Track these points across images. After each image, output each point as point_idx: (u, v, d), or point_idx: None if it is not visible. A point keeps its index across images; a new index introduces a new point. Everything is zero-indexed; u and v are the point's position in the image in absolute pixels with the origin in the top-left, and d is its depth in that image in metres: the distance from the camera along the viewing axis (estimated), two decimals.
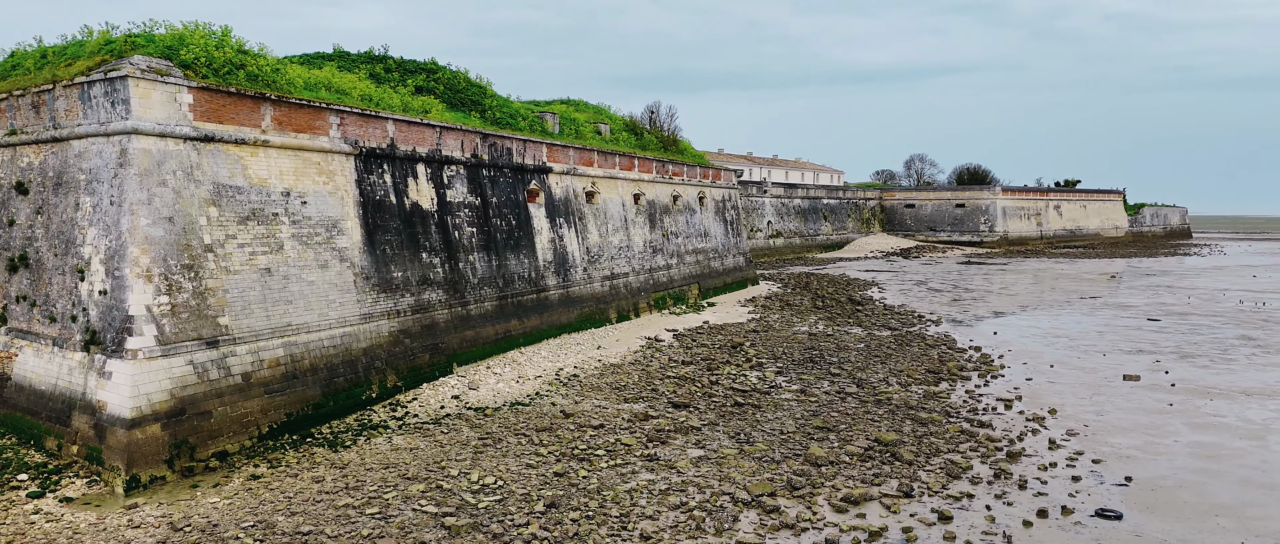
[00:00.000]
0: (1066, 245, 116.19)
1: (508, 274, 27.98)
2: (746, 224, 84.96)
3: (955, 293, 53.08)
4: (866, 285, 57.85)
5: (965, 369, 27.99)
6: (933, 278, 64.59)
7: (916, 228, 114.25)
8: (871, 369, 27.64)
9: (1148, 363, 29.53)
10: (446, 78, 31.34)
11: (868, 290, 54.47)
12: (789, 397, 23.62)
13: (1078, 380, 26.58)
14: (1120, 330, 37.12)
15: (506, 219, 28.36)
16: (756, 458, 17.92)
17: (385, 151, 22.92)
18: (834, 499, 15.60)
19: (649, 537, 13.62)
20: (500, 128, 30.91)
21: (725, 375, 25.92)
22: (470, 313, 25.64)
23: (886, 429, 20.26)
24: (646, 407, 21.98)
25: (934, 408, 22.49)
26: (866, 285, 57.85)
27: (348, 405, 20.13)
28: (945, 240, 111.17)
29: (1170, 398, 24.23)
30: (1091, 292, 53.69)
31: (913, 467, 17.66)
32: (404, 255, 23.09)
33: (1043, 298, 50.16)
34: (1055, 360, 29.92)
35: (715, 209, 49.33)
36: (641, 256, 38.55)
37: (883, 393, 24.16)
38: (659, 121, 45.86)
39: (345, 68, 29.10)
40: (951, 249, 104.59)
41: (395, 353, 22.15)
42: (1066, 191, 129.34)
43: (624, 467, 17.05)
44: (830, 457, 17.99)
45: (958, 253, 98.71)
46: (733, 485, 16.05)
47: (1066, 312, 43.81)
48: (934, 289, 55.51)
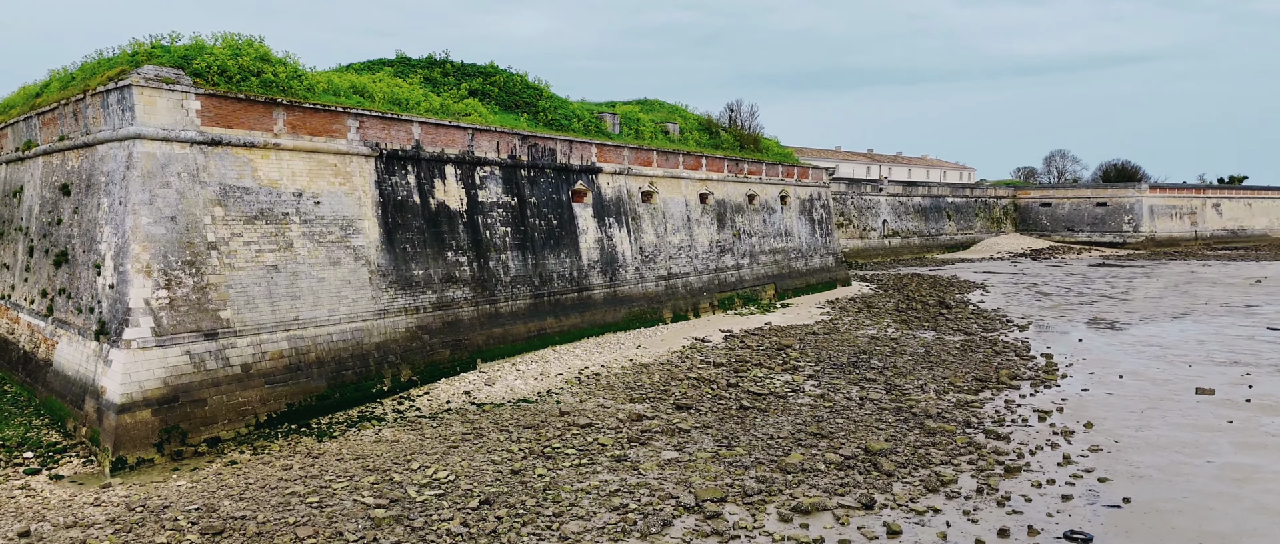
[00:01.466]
0: (1226, 247, 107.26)
1: (546, 273, 28.41)
2: (858, 223, 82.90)
3: (1065, 297, 50.07)
4: (971, 287, 55.36)
5: (1019, 377, 26.46)
6: (1051, 281, 61.14)
7: (1052, 227, 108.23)
8: (915, 375, 26.53)
9: (1236, 376, 27.05)
10: (502, 80, 32.09)
11: (969, 293, 52.14)
12: (806, 401, 23.00)
13: (1140, 392, 24.66)
14: (1228, 340, 34.11)
15: (547, 219, 28.80)
16: (729, 462, 17.57)
17: (409, 153, 23.73)
18: (785, 508, 15.13)
19: (569, 538, 13.62)
20: (552, 129, 31.41)
21: (750, 378, 25.48)
22: (500, 311, 26.20)
23: (884, 438, 19.44)
24: (649, 407, 21.89)
25: (958, 417, 21.40)
26: (971, 287, 55.36)
27: (356, 397, 20.99)
28: (1084, 241, 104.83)
29: (1235, 414, 22.15)
30: (1223, 297, 49.47)
31: (891, 478, 16.90)
32: (427, 254, 23.84)
33: (1160, 304, 46.62)
34: (1130, 370, 27.84)
35: (800, 208, 48.38)
36: (706, 256, 38.28)
37: (910, 400, 23.17)
38: (738, 120, 45.36)
39: (402, 73, 30.29)
40: (1089, 250, 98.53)
41: (412, 348, 22.91)
42: (1229, 188, 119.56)
43: (587, 466, 17.07)
44: (806, 464, 17.44)
45: (1095, 254, 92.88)
46: (686, 490, 15.81)
47: (1178, 319, 40.59)
48: (1044, 293, 52.51)
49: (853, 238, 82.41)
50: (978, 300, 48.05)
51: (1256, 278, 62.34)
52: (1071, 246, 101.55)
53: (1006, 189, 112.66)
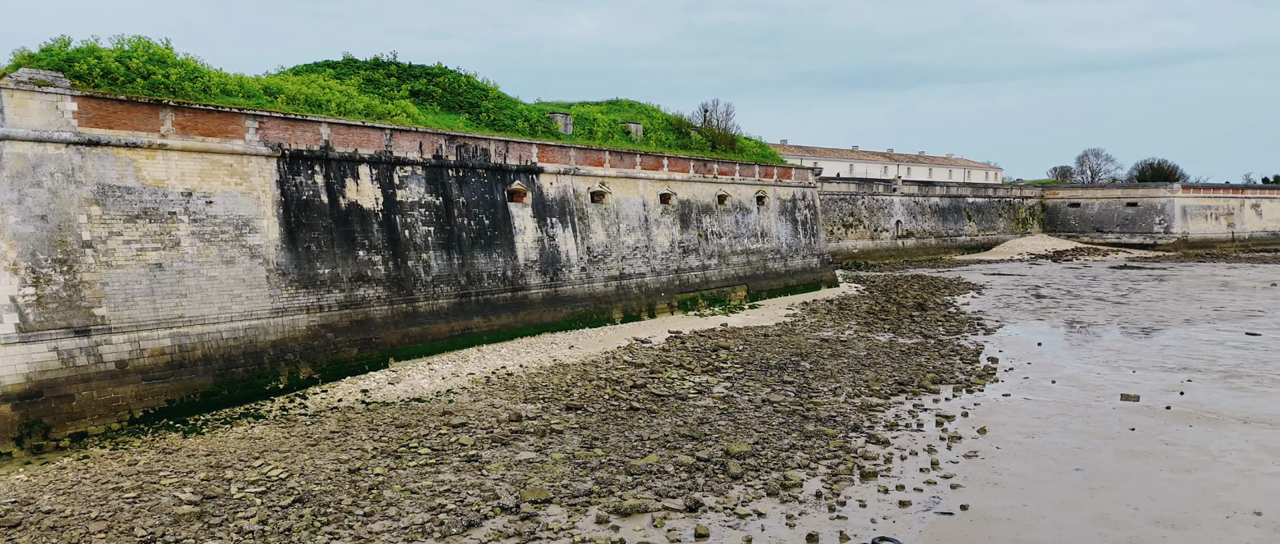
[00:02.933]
0: (1265, 249, 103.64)
1: (474, 272, 28.52)
2: (869, 224, 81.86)
3: (1059, 300, 48.85)
4: (966, 289, 54.31)
5: (944, 382, 25.90)
6: (1057, 283, 59.74)
7: (1081, 228, 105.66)
8: (837, 377, 26.12)
9: (1176, 382, 26.14)
10: (446, 81, 32.31)
11: (961, 295, 51.15)
12: (705, 403, 22.77)
13: (1061, 398, 23.97)
14: (1195, 345, 33.00)
15: (478, 218, 28.91)
16: (579, 463, 17.47)
17: (317, 153, 24.00)
18: (606, 511, 14.99)
19: (364, 538, 13.66)
20: (494, 129, 31.54)
21: (663, 379, 25.29)
22: (419, 310, 26.37)
23: (755, 441, 19.18)
24: (539, 407, 21.86)
25: (852, 421, 21.02)
26: (966, 289, 54.31)
27: (247, 395, 21.29)
28: (1113, 242, 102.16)
29: (1145, 421, 21.41)
30: (1226, 301, 47.83)
31: (736, 481, 16.66)
32: (334, 253, 24.10)
33: (1153, 309, 45.25)
34: (1069, 376, 27.08)
35: (780, 209, 47.91)
36: (666, 257, 38.11)
37: (814, 403, 22.83)
38: (713, 120, 45.08)
39: (342, 75, 30.65)
40: (1117, 251, 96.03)
41: (314, 346, 23.17)
42: (1271, 188, 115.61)
43: (432, 466, 17.11)
44: (658, 466, 17.27)
45: (1120, 256, 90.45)
46: (517, 490, 15.75)
47: (1160, 323, 39.37)
48: (1041, 296, 51.25)
49: (863, 238, 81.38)
50: (963, 303, 47.12)
51: (1272, 282, 60.20)
52: (1098, 248, 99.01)
53: (1034, 189, 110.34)
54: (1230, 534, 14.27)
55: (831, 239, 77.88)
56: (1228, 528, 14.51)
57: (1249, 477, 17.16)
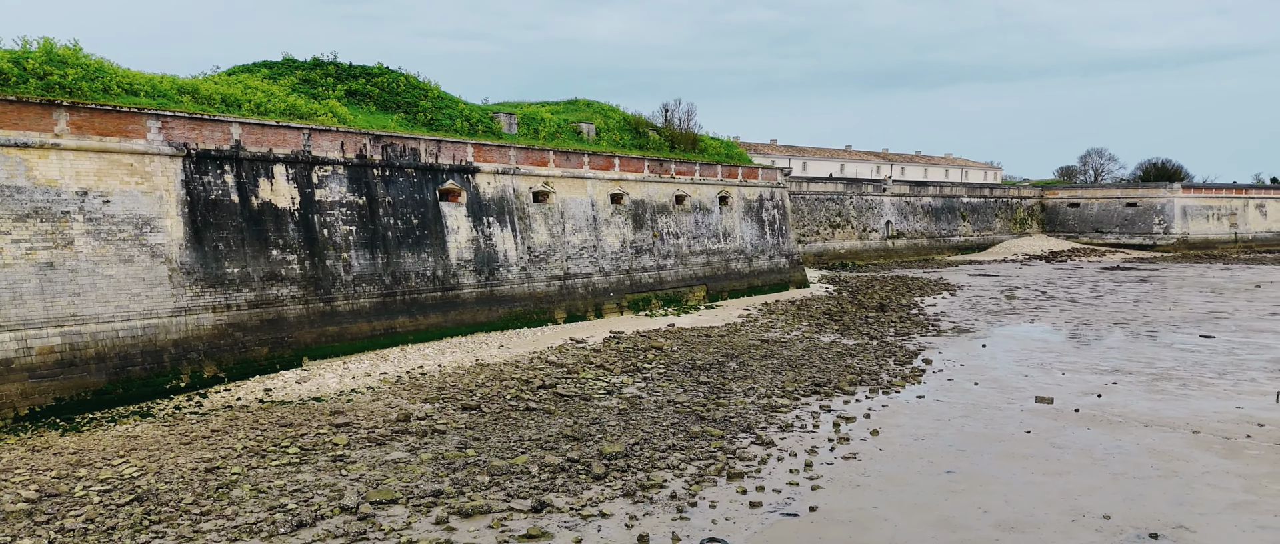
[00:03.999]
0: (1269, 250, 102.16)
1: (401, 272, 28.56)
2: (857, 224, 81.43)
3: (1031, 301, 48.36)
4: (941, 289, 53.88)
5: (863, 383, 25.67)
6: (1039, 284, 59.16)
7: (1080, 229, 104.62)
8: (758, 378, 25.96)
9: (1100, 384, 25.80)
10: (385, 81, 32.40)
11: (933, 295, 50.76)
12: (610, 403, 22.69)
13: (974, 401, 23.69)
14: (1142, 348, 32.55)
15: (406, 218, 28.95)
16: (445, 463, 17.44)
17: (227, 153, 24.11)
18: (449, 511, 14.94)
19: (189, 537, 13.67)
20: (432, 129, 31.58)
21: (577, 379, 25.22)
22: (338, 309, 26.44)
23: (634, 440, 19.08)
24: (436, 407, 21.85)
25: (748, 422, 20.87)
26: (941, 289, 53.88)
27: (144, 393, 21.41)
28: (1112, 243, 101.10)
29: (1046, 424, 21.11)
30: (1202, 302, 47.17)
31: (598, 481, 16.57)
32: (245, 252, 24.19)
33: (1120, 310, 44.70)
34: (994, 378, 26.78)
35: (745, 209, 47.71)
36: (617, 257, 38.03)
37: (719, 403, 22.71)
38: (674, 120, 44.93)
39: (276, 75, 30.78)
40: (1115, 252, 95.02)
41: (221, 345, 23.27)
42: (1276, 188, 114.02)
43: (293, 465, 17.12)
44: (524, 467, 17.21)
45: (1117, 257, 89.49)
46: (367, 490, 15.73)
47: (1119, 324, 38.88)
48: (1015, 297, 50.72)
49: (851, 239, 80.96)
50: (930, 304, 46.73)
51: (1257, 283, 59.32)
52: (1096, 249, 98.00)
53: (1033, 189, 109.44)
54: (1066, 537, 14.04)
55: (818, 239, 77.56)
56: (1066, 531, 14.28)
57: (1120, 480, 16.89)
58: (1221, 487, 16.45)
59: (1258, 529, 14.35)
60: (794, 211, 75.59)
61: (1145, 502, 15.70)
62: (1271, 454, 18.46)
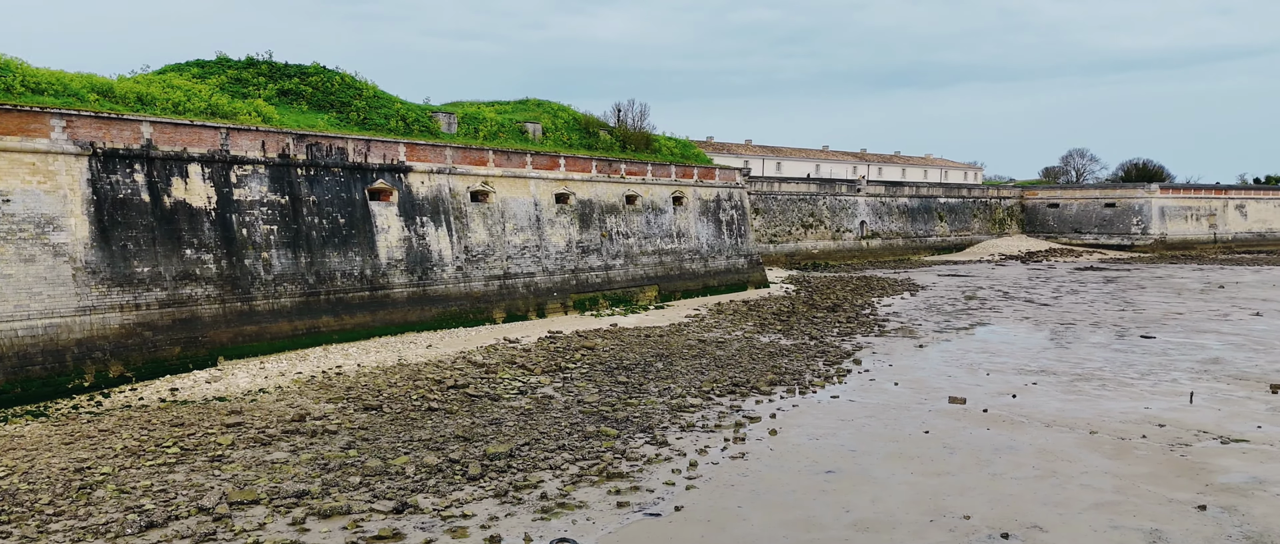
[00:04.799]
0: (1249, 250, 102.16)
1: (326, 271, 28.50)
2: (831, 224, 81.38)
3: (987, 302, 48.32)
4: (904, 290, 53.82)
5: (782, 383, 25.62)
6: (1004, 285, 59.09)
7: (1059, 229, 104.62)
8: (678, 379, 25.90)
9: (1020, 385, 25.77)
10: (318, 81, 32.33)
11: (896, 296, 50.62)
12: (519, 403, 22.63)
13: (887, 401, 23.64)
14: (1078, 348, 32.52)
15: (331, 217, 28.88)
16: (323, 464, 17.37)
17: (138, 152, 24.03)
18: (308, 511, 14.87)
19: (32, 537, 13.60)
20: (365, 128, 31.51)
21: (492, 380, 25.17)
22: (256, 309, 26.37)
23: (525, 440, 19.03)
24: (338, 407, 21.79)
25: (651, 422, 20.82)
26: (904, 290, 53.82)
27: (44, 392, 21.33)
28: (1091, 243, 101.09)
29: (949, 424, 21.05)
30: (1158, 302, 47.16)
31: (473, 482, 16.52)
32: (155, 251, 24.11)
33: (1073, 311, 44.68)
34: (916, 379, 26.72)
35: (701, 209, 47.66)
36: (562, 257, 37.97)
37: (627, 404, 22.66)
38: (626, 120, 44.88)
39: (205, 74, 30.71)
40: (1092, 253, 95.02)
41: (129, 345, 23.19)
42: (1257, 188, 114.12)
43: (168, 465, 17.06)
44: (399, 467, 17.15)
45: (1093, 257, 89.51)
46: (236, 490, 15.65)
47: (1066, 324, 38.86)
48: (974, 297, 50.66)
49: (824, 239, 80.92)
50: (886, 304, 46.66)
51: (1220, 284, 59.28)
52: (1074, 249, 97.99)
53: (1013, 189, 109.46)
54: (916, 537, 14.00)
55: (789, 240, 77.53)
56: (919, 531, 14.24)
57: (996, 480, 16.85)
58: (1093, 487, 16.41)
59: (1110, 529, 14.30)
60: (764, 212, 75.58)
61: (1012, 502, 15.65)
62: (1158, 455, 18.43)
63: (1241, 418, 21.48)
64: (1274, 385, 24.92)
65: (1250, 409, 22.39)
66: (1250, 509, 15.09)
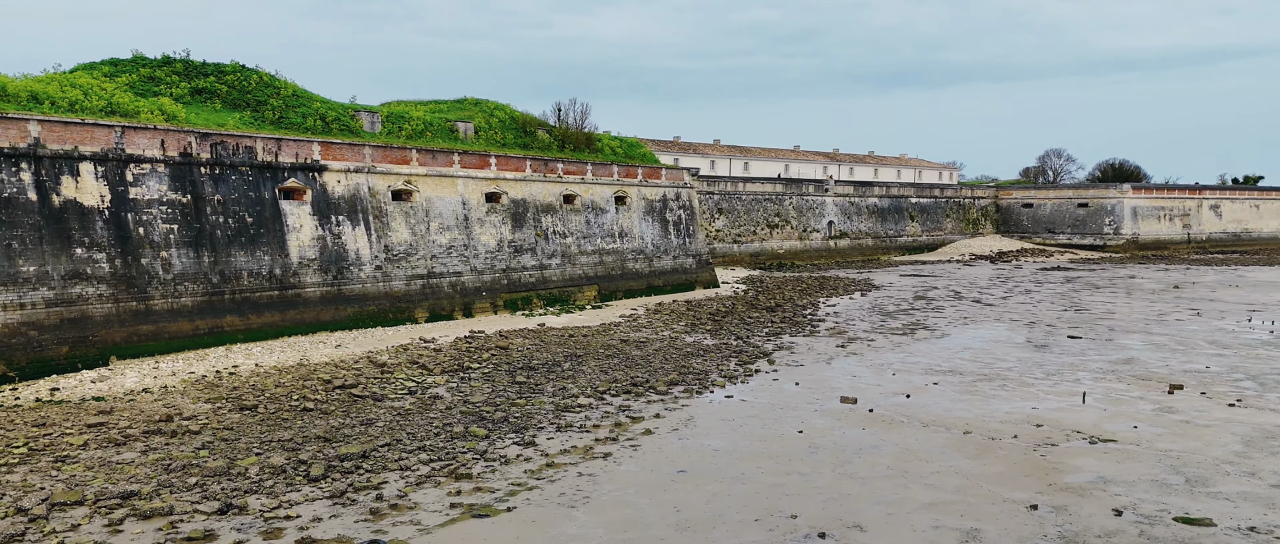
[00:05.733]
0: (1223, 251, 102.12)
1: (231, 271, 28.33)
2: (798, 224, 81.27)
3: (933, 303, 48.23)
4: (857, 290, 53.69)
5: (686, 383, 25.48)
6: (960, 285, 59.01)
7: (1033, 229, 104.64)
8: (580, 379, 25.74)
9: (921, 384, 25.66)
10: (234, 79, 32.18)
11: (846, 296, 50.46)
12: (398, 404, 22.48)
13: (779, 402, 23.47)
14: (996, 348, 32.42)
15: (237, 216, 28.72)
16: (167, 465, 17.20)
17: (23, 151, 23.86)
18: (131, 512, 14.71)
19: None
20: (279, 126, 31.35)
21: (388, 380, 25.02)
22: (154, 308, 26.20)
23: (385, 441, 18.89)
24: (212, 407, 21.64)
25: (531, 424, 20.68)
26: (857, 290, 53.69)
27: None
28: (1064, 243, 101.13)
29: (830, 424, 20.92)
30: (1106, 305, 47.09)
31: (313, 484, 16.36)
32: (42, 250, 23.94)
33: (1017, 310, 44.60)
34: (818, 379, 26.59)
35: (646, 209, 47.52)
36: (492, 256, 37.82)
37: (514, 404, 22.53)
38: (567, 119, 44.74)
39: (115, 73, 30.55)
40: (1063, 253, 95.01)
41: (13, 344, 23.02)
42: (1231, 189, 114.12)
43: (7, 466, 16.90)
44: (241, 468, 17.01)
45: (1064, 258, 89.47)
46: (65, 491, 15.49)
47: (1005, 325, 38.77)
48: (924, 297, 50.58)
49: (790, 239, 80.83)
50: (831, 304, 46.52)
51: (1175, 285, 59.20)
52: (1046, 249, 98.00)
53: (988, 189, 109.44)
54: (733, 536, 13.90)
55: (754, 239, 77.44)
56: (739, 531, 14.15)
57: (844, 480, 16.74)
58: (936, 487, 16.29)
59: (930, 528, 14.19)
60: (728, 212, 75.47)
61: (847, 502, 15.53)
62: (1018, 455, 18.31)
63: (1123, 418, 21.37)
64: (1173, 385, 24.83)
65: (1136, 409, 22.28)
66: (1080, 509, 14.98)
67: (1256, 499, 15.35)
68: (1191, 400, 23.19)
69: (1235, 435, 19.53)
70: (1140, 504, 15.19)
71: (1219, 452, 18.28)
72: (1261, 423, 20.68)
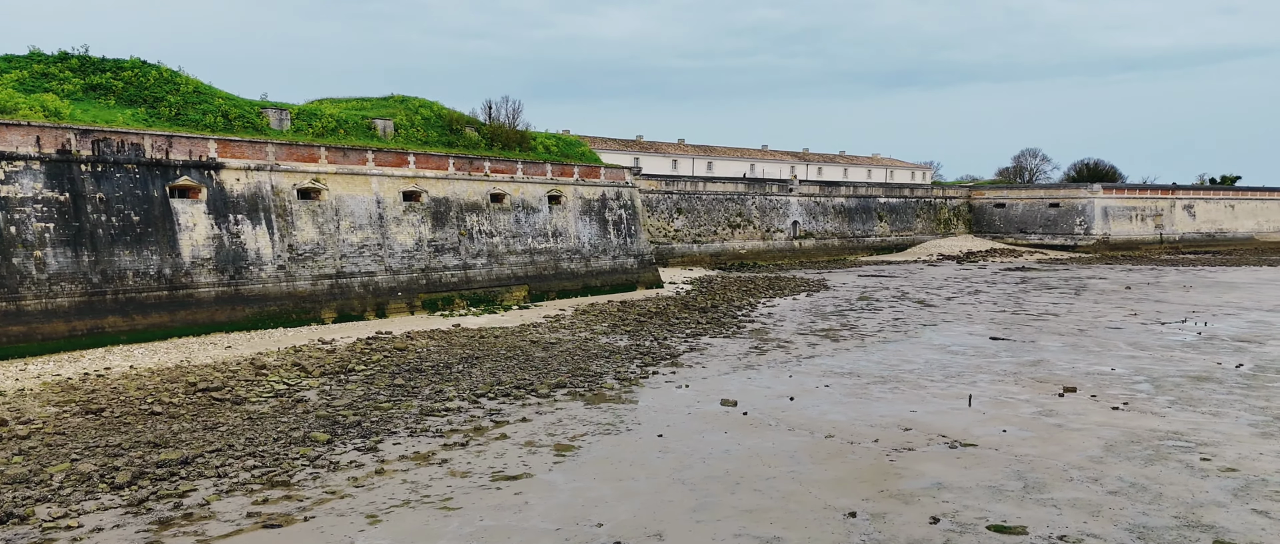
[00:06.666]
0: (1196, 251, 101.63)
1: (114, 270, 27.62)
2: (760, 225, 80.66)
3: (873, 303, 47.63)
4: (804, 290, 53.05)
5: (576, 385, 24.83)
6: (913, 286, 58.44)
7: (1006, 229, 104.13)
8: (464, 382, 25.09)
9: (811, 387, 25.04)
10: (133, 75, 31.49)
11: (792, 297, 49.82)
12: (262, 407, 21.81)
13: (659, 405, 22.79)
14: (908, 349, 31.82)
15: (123, 215, 28.01)
16: None
17: None
18: None
19: None
20: (177, 124, 30.66)
21: (261, 382, 24.34)
22: (26, 309, 25.50)
23: (217, 448, 18.20)
24: (56, 410, 20.95)
25: (383, 428, 20.02)
26: (804, 290, 53.05)
27: None
28: (1035, 244, 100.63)
29: (694, 426, 20.26)
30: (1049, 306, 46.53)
31: (117, 491, 15.68)
32: None
33: (960, 312, 44.03)
34: (710, 382, 25.93)
35: (583, 208, 46.86)
36: (411, 256, 37.14)
37: (379, 408, 21.87)
38: (499, 117, 44.05)
39: (5, 69, 29.81)
40: (1033, 253, 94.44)
41: None
42: (1205, 189, 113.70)
43: None
44: (45, 476, 16.33)
45: (1033, 258, 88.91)
46: None
47: (928, 326, 38.17)
48: (867, 298, 50.01)
49: (753, 239, 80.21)
50: (770, 306, 45.84)
51: (1128, 286, 58.61)
52: (1017, 250, 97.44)
53: (960, 189, 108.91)
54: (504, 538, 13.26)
55: (715, 239, 76.82)
56: (533, 538, 13.51)
57: (674, 486, 16.11)
58: (764, 492, 15.66)
59: (733, 537, 13.55)
60: (688, 212, 74.85)
61: (662, 508, 14.89)
62: (868, 460, 17.68)
63: (997, 422, 20.75)
64: (1066, 388, 24.24)
65: (1016, 413, 21.65)
66: (898, 517, 14.35)
67: (1084, 506, 14.72)
68: (1077, 403, 22.58)
69: (1100, 440, 18.90)
70: (962, 512, 14.56)
71: (1074, 456, 17.65)
72: (1135, 426, 20.07)
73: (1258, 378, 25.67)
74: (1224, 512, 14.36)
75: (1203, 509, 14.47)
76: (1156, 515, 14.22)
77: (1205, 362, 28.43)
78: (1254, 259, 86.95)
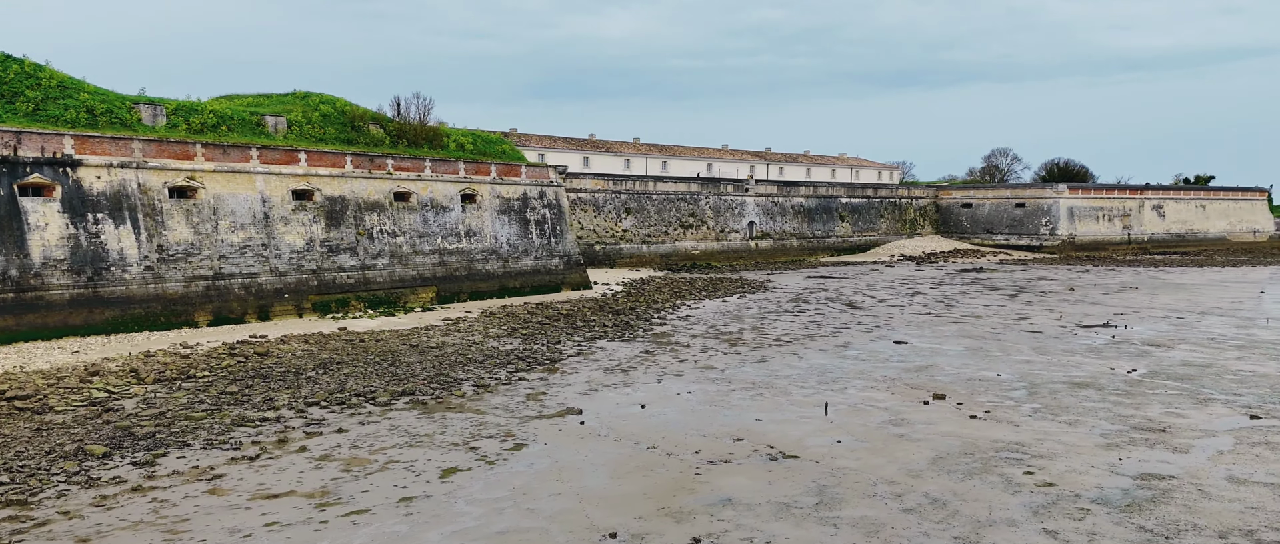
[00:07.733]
0: (1167, 251, 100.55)
1: None
2: (714, 225, 79.35)
3: (801, 303, 46.37)
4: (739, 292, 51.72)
5: (426, 393, 23.50)
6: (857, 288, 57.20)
7: (972, 229, 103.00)
8: (305, 388, 23.73)
9: (673, 394, 23.70)
10: None
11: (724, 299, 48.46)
12: (61, 418, 20.41)
13: (498, 411, 21.50)
14: (802, 354, 30.53)
15: None
16: None
17: None
18: None
19: None
20: (31, 120, 29.24)
21: (83, 389, 22.96)
22: None
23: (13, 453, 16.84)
24: None
25: (180, 438, 18.67)
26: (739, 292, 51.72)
27: None
28: (1001, 244, 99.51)
29: (525, 433, 18.95)
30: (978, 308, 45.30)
31: None
32: None
33: (884, 315, 42.79)
34: (574, 391, 24.62)
35: (501, 208, 45.50)
36: (301, 256, 35.72)
37: (188, 417, 20.49)
38: (408, 113, 42.67)
39: None
40: (998, 254, 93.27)
41: None
42: (1175, 189, 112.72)
43: None
44: None
45: (996, 258, 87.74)
46: None
47: (839, 330, 36.91)
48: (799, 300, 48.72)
49: (707, 240, 78.93)
50: (693, 308, 44.45)
51: (1071, 287, 57.40)
52: (982, 250, 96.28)
53: (927, 189, 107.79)
54: None
55: (666, 240, 75.53)
56: None
57: (458, 501, 14.76)
58: (536, 512, 14.32)
59: None
60: (637, 212, 73.53)
61: (418, 530, 13.54)
62: (673, 475, 16.35)
63: (841, 431, 19.43)
64: (936, 395, 22.98)
65: (864, 422, 20.32)
66: (661, 537, 13.05)
67: (865, 526, 13.40)
68: (938, 412, 21.28)
69: (933, 451, 17.59)
70: (730, 533, 13.23)
71: (892, 470, 16.33)
72: (980, 437, 18.77)
73: (1142, 385, 24.40)
74: (1011, 531, 13.05)
75: (989, 528, 13.15)
76: (936, 536, 12.90)
77: (1098, 367, 27.17)
78: (1220, 260, 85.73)
